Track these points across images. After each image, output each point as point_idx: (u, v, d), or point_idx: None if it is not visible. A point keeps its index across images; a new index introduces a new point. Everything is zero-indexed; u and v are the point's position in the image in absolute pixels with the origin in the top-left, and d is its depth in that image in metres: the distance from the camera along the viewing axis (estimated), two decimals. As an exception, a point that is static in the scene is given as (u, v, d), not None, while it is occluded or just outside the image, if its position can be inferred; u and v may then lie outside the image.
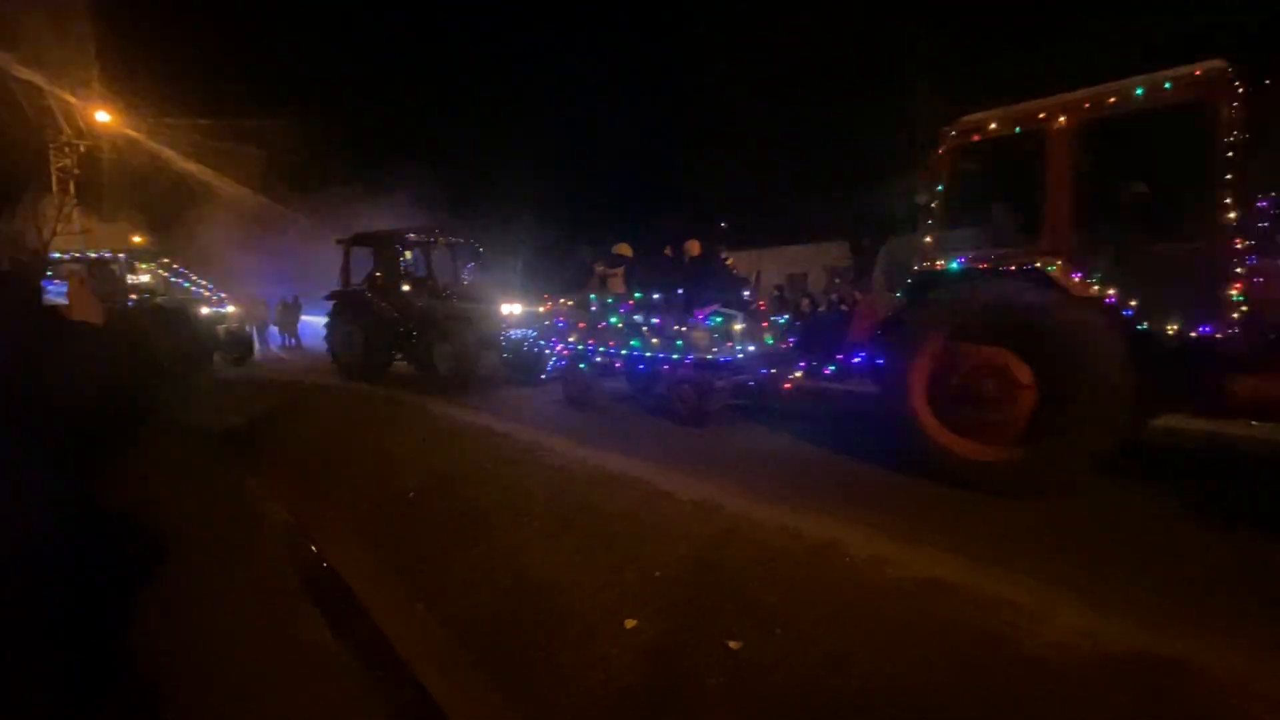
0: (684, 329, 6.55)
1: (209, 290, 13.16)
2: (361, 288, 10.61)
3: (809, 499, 4.35)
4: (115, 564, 1.84)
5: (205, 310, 12.44)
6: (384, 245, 10.62)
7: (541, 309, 8.50)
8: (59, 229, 16.52)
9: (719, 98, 16.59)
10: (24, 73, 16.28)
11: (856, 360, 5.36)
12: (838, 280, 17.25)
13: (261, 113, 20.42)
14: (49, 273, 10.76)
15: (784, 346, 7.02)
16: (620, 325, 7.21)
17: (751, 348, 6.56)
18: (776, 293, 12.40)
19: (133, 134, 19.00)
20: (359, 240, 10.93)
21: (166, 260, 13.09)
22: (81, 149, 18.45)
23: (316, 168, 22.29)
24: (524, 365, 9.48)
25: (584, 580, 3.23)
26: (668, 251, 7.53)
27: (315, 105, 24.11)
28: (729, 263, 7.19)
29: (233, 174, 21.12)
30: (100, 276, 11.86)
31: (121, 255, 12.44)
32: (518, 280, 10.93)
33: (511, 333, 9.50)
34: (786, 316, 7.67)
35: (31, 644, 1.54)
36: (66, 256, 12.50)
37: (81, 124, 18.22)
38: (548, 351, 8.20)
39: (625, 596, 3.04)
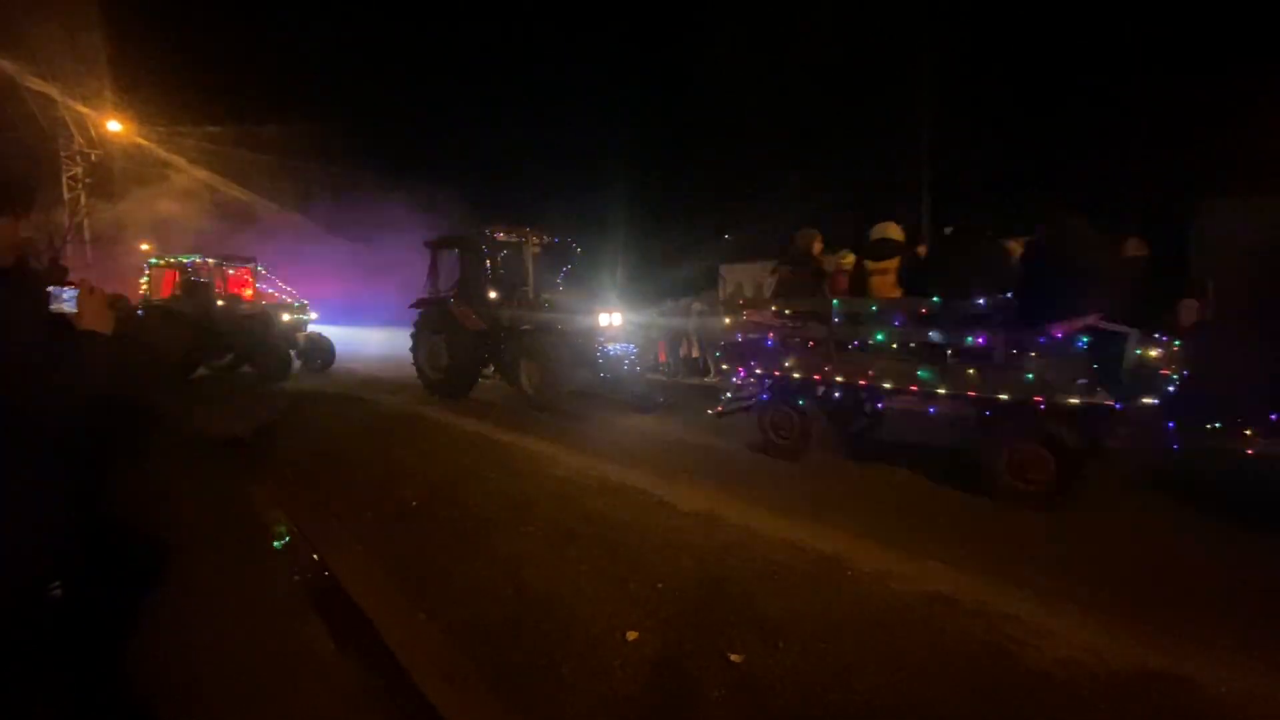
0: (1032, 354, 4.30)
1: (293, 296, 12.82)
2: (448, 295, 9.71)
3: (812, 512, 4.35)
4: (118, 571, 1.85)
5: (287, 316, 11.98)
6: (469, 247, 9.66)
7: (731, 320, 6.74)
8: (70, 237, 16.70)
9: (722, 103, 16.72)
10: (36, 83, 16.51)
11: None
12: None
13: (275, 119, 20.58)
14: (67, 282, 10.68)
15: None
16: (895, 346, 4.96)
17: (1169, 386, 4.34)
18: None
19: (144, 142, 19.21)
20: (445, 243, 10.02)
21: (254, 265, 12.82)
22: (93, 158, 18.67)
23: (329, 172, 22.43)
24: (623, 387, 8.39)
25: (586, 591, 3.23)
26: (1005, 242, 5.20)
27: (330, 110, 24.23)
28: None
29: (242, 180, 21.29)
30: (193, 282, 11.84)
31: (211, 260, 12.21)
32: (616, 286, 9.88)
33: (609, 348, 8.28)
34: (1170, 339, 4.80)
35: (36, 649, 1.54)
36: (160, 262, 12.48)
37: (93, 133, 18.45)
38: (734, 380, 6.37)
39: (627, 608, 3.04)
